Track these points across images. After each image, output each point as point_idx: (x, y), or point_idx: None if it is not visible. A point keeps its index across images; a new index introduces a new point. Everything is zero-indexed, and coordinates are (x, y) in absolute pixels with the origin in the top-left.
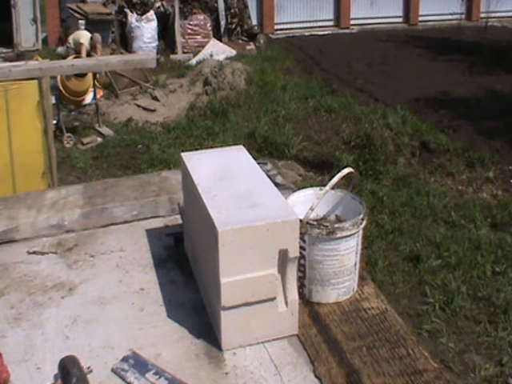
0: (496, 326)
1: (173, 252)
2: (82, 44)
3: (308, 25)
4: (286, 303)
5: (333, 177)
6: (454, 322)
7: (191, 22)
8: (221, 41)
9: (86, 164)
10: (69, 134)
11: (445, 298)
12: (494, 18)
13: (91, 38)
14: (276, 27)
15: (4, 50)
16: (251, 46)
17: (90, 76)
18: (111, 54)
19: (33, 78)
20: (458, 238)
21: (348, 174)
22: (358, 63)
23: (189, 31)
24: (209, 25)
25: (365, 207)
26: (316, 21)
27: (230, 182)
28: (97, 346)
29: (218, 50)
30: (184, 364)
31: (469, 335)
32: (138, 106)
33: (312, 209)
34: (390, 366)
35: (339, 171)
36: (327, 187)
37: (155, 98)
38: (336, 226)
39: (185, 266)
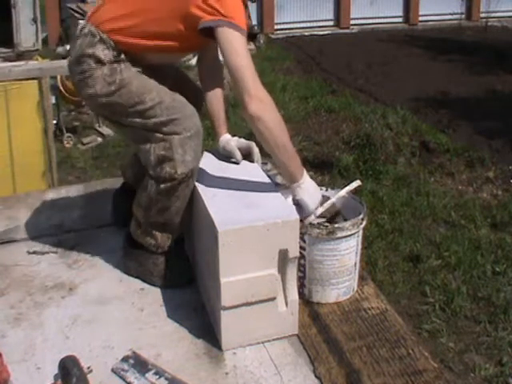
0: (496, 326)
1: None
2: None
3: (308, 25)
4: (286, 303)
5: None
6: (453, 322)
7: None
8: None
9: (86, 164)
10: (69, 134)
11: (445, 298)
12: (493, 18)
13: None
14: (276, 27)
15: (4, 50)
16: (251, 46)
17: None
18: None
19: (33, 78)
20: (458, 238)
21: (356, 187)
22: (358, 63)
23: None
24: None
25: (365, 207)
26: (316, 21)
27: (229, 182)
28: (97, 346)
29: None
30: (184, 364)
31: (469, 335)
32: None
33: (315, 215)
34: (389, 366)
35: (339, 171)
36: (333, 199)
37: None
38: (336, 226)
39: None
